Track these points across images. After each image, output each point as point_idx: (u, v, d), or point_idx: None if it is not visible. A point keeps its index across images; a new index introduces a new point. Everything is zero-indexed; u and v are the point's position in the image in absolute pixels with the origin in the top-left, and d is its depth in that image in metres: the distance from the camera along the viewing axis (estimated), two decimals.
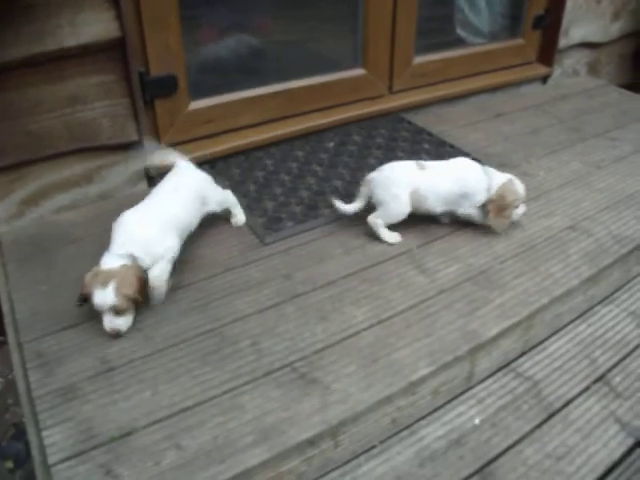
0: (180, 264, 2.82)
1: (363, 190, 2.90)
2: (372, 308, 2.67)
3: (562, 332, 3.03)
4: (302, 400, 2.25)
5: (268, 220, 2.95)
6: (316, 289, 2.77)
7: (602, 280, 3.06)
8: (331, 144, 3.75)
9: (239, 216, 3.08)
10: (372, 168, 3.40)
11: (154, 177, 3.24)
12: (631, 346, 3.00)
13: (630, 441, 2.57)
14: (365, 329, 2.57)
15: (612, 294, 3.27)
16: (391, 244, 2.96)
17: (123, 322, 2.44)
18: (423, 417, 2.58)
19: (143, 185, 3.43)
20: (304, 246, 3.05)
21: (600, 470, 2.45)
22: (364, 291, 2.78)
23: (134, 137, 3.22)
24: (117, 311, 2.39)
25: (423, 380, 2.41)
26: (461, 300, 2.71)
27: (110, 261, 2.42)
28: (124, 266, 2.40)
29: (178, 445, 2.07)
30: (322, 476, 2.34)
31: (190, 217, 2.77)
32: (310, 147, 3.72)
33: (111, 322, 2.42)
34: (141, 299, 2.43)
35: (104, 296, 2.36)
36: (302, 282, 2.80)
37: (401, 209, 2.90)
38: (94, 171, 3.26)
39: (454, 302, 2.70)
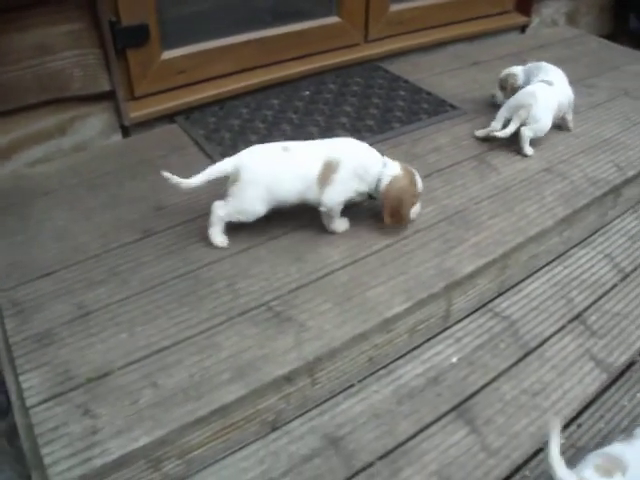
0: (156, 209, 2.80)
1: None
2: (347, 248, 2.67)
3: (538, 274, 3.05)
4: (277, 338, 2.26)
5: None
6: (290, 232, 2.75)
7: (578, 222, 3.08)
8: (306, 92, 3.74)
9: None
10: (347, 115, 3.38)
11: (128, 127, 3.20)
12: (607, 287, 3.03)
13: (604, 377, 2.59)
14: (340, 268, 2.58)
15: (588, 237, 3.30)
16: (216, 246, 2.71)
17: None
18: (401, 356, 2.61)
19: (117, 137, 3.39)
20: None
21: (575, 405, 2.48)
22: (338, 234, 2.74)
23: (106, 87, 3.18)
24: None
25: (399, 317, 2.42)
26: (437, 239, 2.72)
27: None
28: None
29: (155, 384, 2.07)
30: (301, 415, 2.37)
31: None
32: (285, 95, 3.71)
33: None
34: None
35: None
36: (277, 226, 2.76)
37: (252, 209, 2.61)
38: (67, 123, 3.22)
39: (430, 241, 2.71)
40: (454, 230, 2.78)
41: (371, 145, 2.94)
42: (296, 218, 2.76)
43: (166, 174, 2.44)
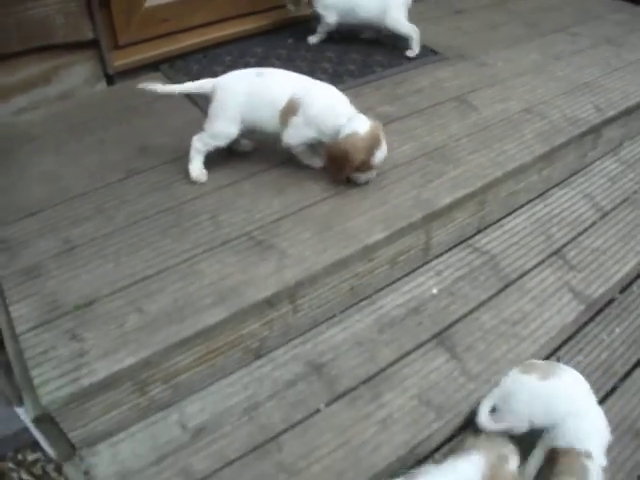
0: (141, 150, 2.90)
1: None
2: (328, 182, 2.72)
3: (519, 211, 3.11)
4: (259, 264, 2.31)
5: None
6: (273, 167, 2.80)
7: (557, 161, 3.13)
8: (289, 40, 3.75)
9: None
10: (329, 60, 3.42)
11: (112, 76, 3.23)
12: (586, 224, 3.11)
13: (582, 307, 2.66)
14: (321, 201, 2.63)
15: (568, 178, 3.36)
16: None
17: None
18: (382, 288, 2.68)
19: (102, 85, 3.42)
20: None
21: (553, 333, 2.55)
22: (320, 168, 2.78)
23: (90, 36, 3.20)
24: None
25: (378, 245, 2.47)
26: (415, 173, 2.77)
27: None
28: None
29: (140, 309, 2.13)
30: (284, 343, 2.45)
31: None
32: (269, 43, 3.72)
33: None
34: None
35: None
36: (259, 162, 2.82)
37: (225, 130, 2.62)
38: (51, 71, 3.24)
39: (408, 175, 2.77)
40: (433, 165, 2.82)
41: (352, 88, 2.98)
42: (278, 155, 2.79)
43: (142, 85, 2.48)
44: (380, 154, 2.50)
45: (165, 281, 2.25)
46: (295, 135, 2.54)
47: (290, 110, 2.48)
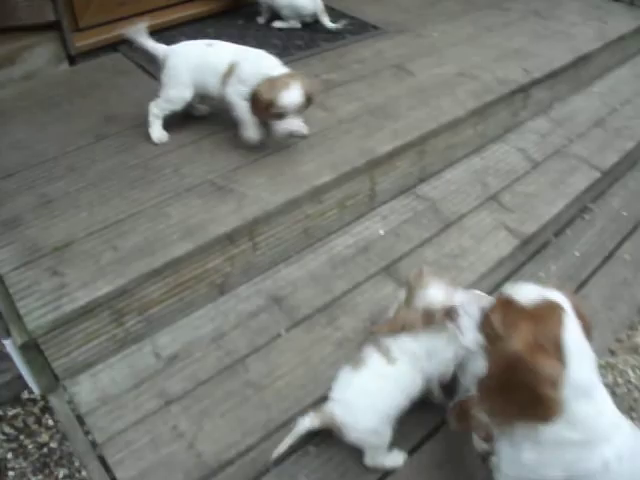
0: (106, 119, 3.15)
1: None
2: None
3: (457, 164, 3.40)
4: (220, 205, 2.56)
5: None
6: (230, 128, 3.01)
7: (490, 118, 3.43)
8: (240, 21, 4.01)
9: None
10: (279, 37, 3.71)
11: (75, 56, 3.45)
12: (519, 173, 3.41)
13: (517, 242, 2.96)
14: (274, 152, 2.88)
15: (503, 134, 3.66)
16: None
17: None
18: (334, 231, 2.92)
19: (65, 66, 3.62)
20: None
21: (491, 264, 2.83)
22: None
23: (51, 17, 3.38)
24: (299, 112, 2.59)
25: (326, 187, 2.73)
26: (359, 128, 3.03)
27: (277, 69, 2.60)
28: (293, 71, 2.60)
29: (114, 247, 2.37)
30: (247, 281, 2.68)
31: None
32: (221, 25, 3.99)
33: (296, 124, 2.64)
34: None
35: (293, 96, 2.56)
36: (218, 123, 3.09)
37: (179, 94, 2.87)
38: (15, 52, 3.40)
39: (353, 129, 3.02)
40: (375, 120, 3.08)
41: (300, 60, 3.27)
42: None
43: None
44: (286, 96, 2.58)
45: (136, 223, 2.47)
46: (232, 92, 2.78)
47: (228, 73, 2.73)
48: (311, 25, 4.07)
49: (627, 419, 1.77)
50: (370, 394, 2.04)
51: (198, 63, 2.74)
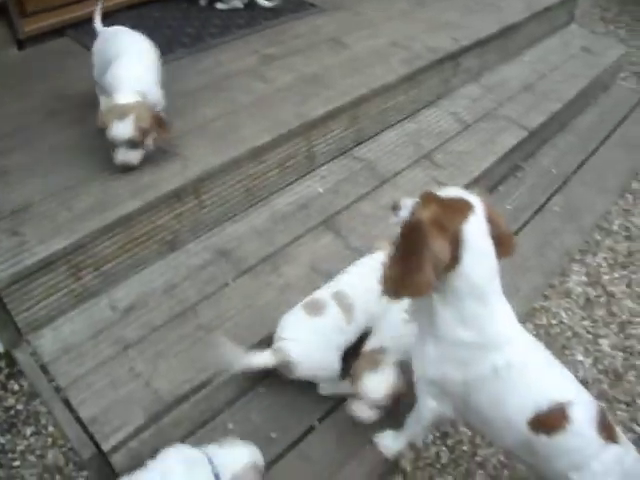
0: (57, 98, 3.33)
1: None
2: (221, 107, 3.18)
3: (392, 128, 3.64)
4: (167, 167, 2.77)
5: None
6: (175, 97, 3.18)
7: (422, 84, 3.68)
8: (184, 4, 4.23)
9: None
10: (220, 17, 3.97)
11: (23, 41, 3.62)
12: (451, 134, 3.66)
13: None
14: (215, 119, 3.08)
15: (435, 100, 3.91)
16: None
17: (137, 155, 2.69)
18: (275, 191, 3.13)
19: (14, 50, 3.76)
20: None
21: None
22: (215, 96, 3.29)
23: None
24: (133, 144, 2.60)
25: (265, 148, 2.94)
26: (295, 95, 3.25)
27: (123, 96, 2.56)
28: (139, 102, 2.58)
29: (69, 208, 2.56)
30: (195, 239, 2.88)
31: None
32: (166, 8, 4.19)
33: (125, 154, 2.66)
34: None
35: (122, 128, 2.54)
36: None
37: None
38: None
39: (289, 97, 3.24)
40: (309, 88, 3.30)
41: (241, 37, 3.62)
42: (179, 89, 3.24)
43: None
44: (116, 128, 2.62)
45: (88, 187, 2.66)
46: None
47: None
48: (252, 5, 4.24)
49: (538, 341, 1.99)
50: (323, 335, 2.31)
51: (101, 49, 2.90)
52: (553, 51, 4.73)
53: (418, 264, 1.70)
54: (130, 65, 2.71)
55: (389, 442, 2.37)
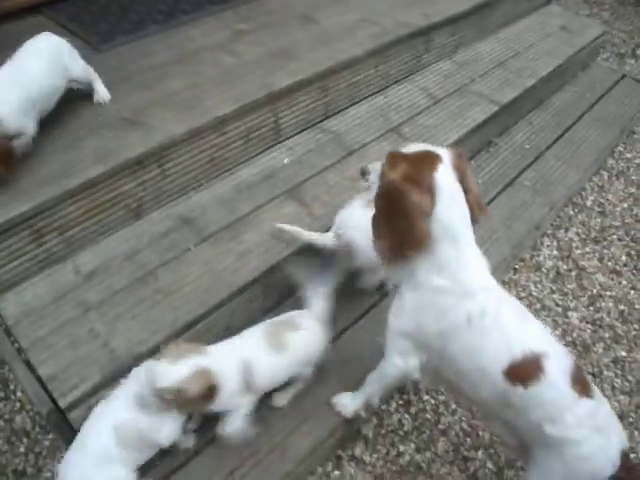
0: None
1: None
2: (188, 79, 3.24)
3: (362, 102, 3.69)
4: (130, 135, 2.81)
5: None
6: (143, 71, 3.30)
7: (392, 59, 3.74)
8: None
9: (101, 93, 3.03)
10: None
11: None
12: (420, 109, 3.71)
13: None
14: (181, 91, 3.14)
15: (407, 76, 3.97)
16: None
17: None
18: (240, 163, 3.18)
19: None
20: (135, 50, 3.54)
21: None
22: (183, 69, 3.35)
23: None
24: None
25: (229, 118, 2.99)
26: (262, 68, 3.30)
27: None
28: None
29: (32, 173, 2.64)
30: (159, 207, 2.95)
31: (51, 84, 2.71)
32: None
33: None
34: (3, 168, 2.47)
35: None
36: (130, 71, 3.31)
37: None
38: None
39: (256, 69, 3.29)
40: (277, 61, 3.35)
41: (214, 14, 3.79)
42: (148, 63, 3.33)
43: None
44: None
45: (52, 154, 2.72)
46: None
47: None
48: None
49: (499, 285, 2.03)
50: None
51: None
52: (530, 29, 4.78)
53: (408, 222, 1.83)
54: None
55: (347, 401, 2.43)
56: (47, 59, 2.67)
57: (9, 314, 2.45)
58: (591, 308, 3.34)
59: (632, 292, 3.44)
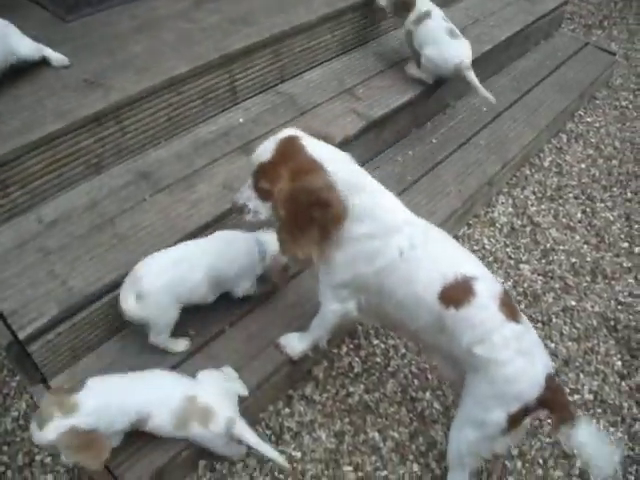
0: None
1: None
2: (148, 44, 3.43)
3: (318, 67, 3.89)
4: (90, 95, 3.00)
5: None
6: (106, 39, 3.49)
7: (347, 25, 3.97)
8: None
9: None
10: None
11: None
12: (375, 72, 3.96)
13: (363, 123, 3.49)
14: (140, 55, 3.33)
15: (365, 43, 4.22)
16: None
17: None
18: (198, 123, 3.39)
19: None
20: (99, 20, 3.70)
21: (336, 140, 3.25)
22: (143, 36, 3.52)
23: None
24: None
25: (184, 78, 3.20)
26: (219, 33, 3.49)
27: None
28: None
29: None
30: (119, 163, 3.15)
31: None
32: None
33: None
34: None
35: None
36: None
37: None
38: None
39: (213, 34, 3.49)
40: (233, 27, 3.54)
41: None
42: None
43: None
44: None
45: (14, 113, 2.89)
46: None
47: None
48: None
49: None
50: None
51: None
52: None
53: (322, 208, 2.02)
54: None
55: (294, 343, 2.61)
56: None
57: None
58: (543, 261, 3.52)
59: (585, 246, 3.64)
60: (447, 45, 3.62)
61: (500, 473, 2.48)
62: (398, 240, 2.14)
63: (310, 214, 2.00)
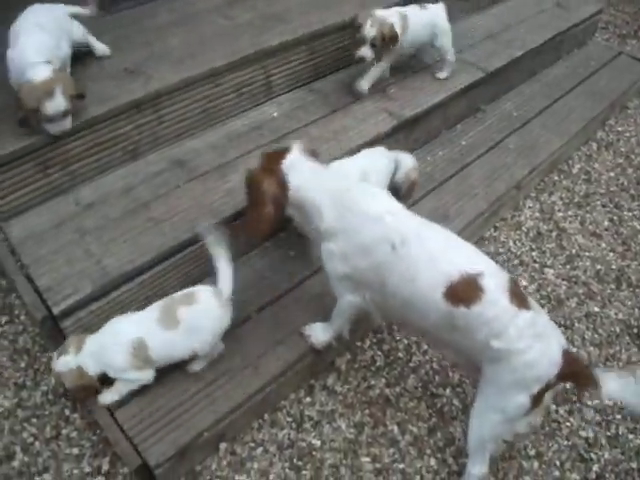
0: None
1: None
2: (185, 37, 3.54)
3: (351, 66, 3.92)
4: (130, 83, 3.10)
5: None
6: (145, 31, 3.58)
7: None
8: None
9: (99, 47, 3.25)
10: None
11: None
12: (408, 73, 4.00)
13: (394, 122, 3.52)
14: (178, 47, 3.45)
15: None
16: None
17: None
18: (232, 115, 3.46)
19: None
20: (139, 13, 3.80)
21: (368, 138, 3.37)
22: (181, 30, 3.64)
23: None
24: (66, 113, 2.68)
25: (220, 71, 3.27)
26: (254, 30, 3.60)
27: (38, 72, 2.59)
28: (56, 71, 2.66)
29: None
30: (155, 151, 3.23)
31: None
32: None
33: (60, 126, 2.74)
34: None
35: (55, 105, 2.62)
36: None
37: None
38: None
39: (248, 30, 3.60)
40: (268, 24, 3.64)
41: None
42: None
43: None
44: (51, 105, 2.65)
45: None
46: None
47: None
48: None
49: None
50: None
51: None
52: (525, 5, 4.98)
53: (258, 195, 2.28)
54: (30, 39, 2.74)
55: (318, 333, 2.65)
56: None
57: (14, 236, 2.74)
58: (568, 266, 3.50)
59: (611, 254, 3.60)
60: None
61: None
62: (383, 230, 2.19)
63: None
